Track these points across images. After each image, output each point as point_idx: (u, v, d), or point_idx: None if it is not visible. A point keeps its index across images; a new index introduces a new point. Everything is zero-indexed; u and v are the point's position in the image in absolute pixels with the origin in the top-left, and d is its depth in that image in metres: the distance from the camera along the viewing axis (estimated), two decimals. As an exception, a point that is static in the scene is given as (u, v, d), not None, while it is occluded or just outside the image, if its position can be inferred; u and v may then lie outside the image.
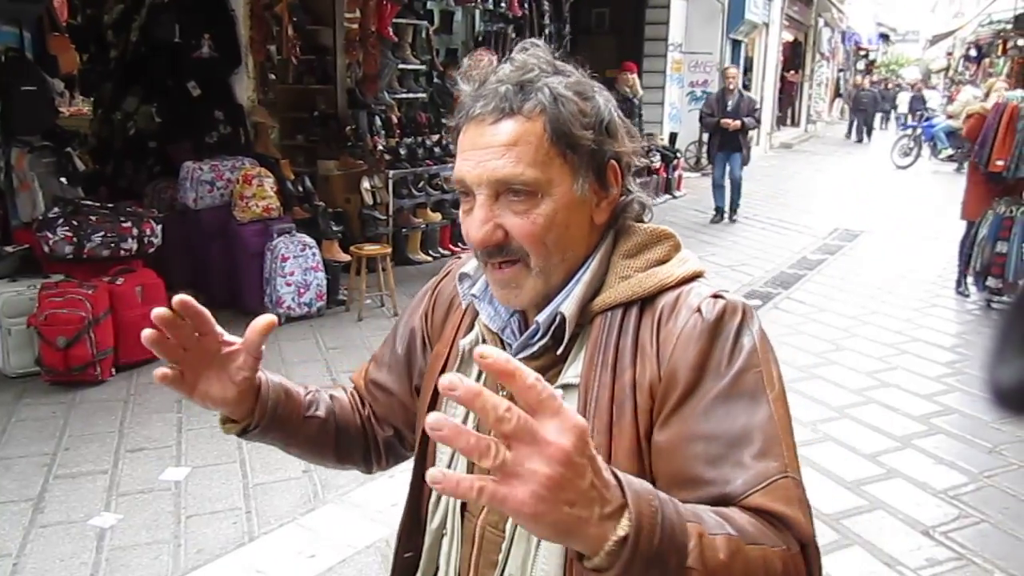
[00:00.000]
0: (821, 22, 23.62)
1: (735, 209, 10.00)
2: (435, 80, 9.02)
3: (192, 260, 5.94)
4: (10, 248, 4.94)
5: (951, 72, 29.02)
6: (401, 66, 8.38)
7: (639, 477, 0.86)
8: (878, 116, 24.77)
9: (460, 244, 7.57)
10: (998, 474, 3.76)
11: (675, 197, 11.52)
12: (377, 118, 7.89)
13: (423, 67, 8.88)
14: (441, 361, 1.10)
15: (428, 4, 9.25)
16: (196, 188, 5.77)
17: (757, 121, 10.03)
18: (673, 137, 12.74)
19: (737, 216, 9.99)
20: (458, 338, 1.08)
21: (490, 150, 0.91)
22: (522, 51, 0.96)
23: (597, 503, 0.66)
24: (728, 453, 0.85)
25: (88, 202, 5.08)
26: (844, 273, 7.64)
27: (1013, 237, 6.08)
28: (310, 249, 5.73)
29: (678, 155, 12.16)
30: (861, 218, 10.29)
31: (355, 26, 7.62)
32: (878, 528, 3.30)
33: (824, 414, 4.41)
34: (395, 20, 7.99)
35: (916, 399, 4.64)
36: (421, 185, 7.66)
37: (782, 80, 20.47)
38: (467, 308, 1.08)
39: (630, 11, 13.00)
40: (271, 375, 1.10)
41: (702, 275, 0.98)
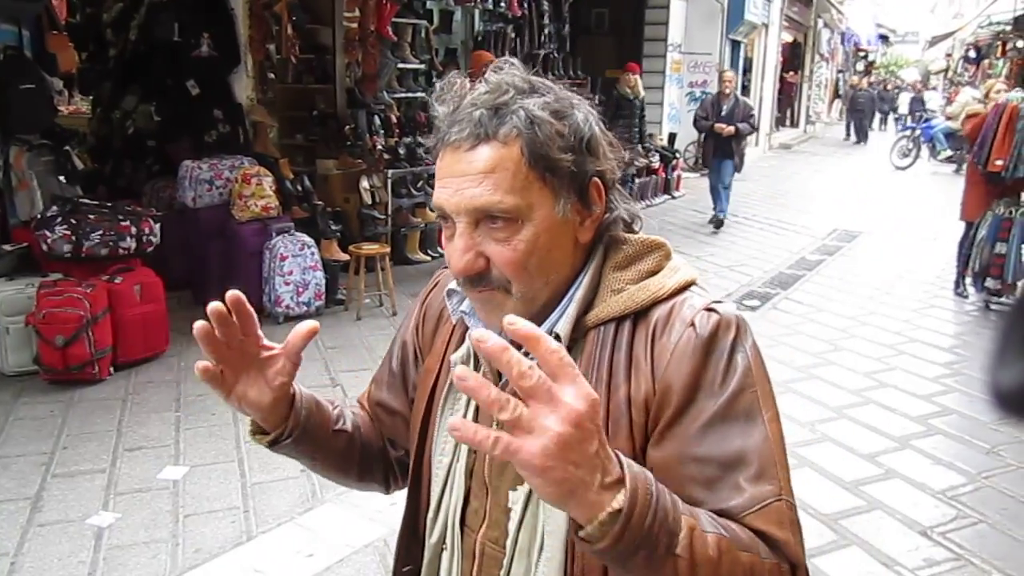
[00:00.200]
0: (820, 23, 23.65)
1: (723, 213, 9.47)
2: (434, 80, 8.98)
3: (191, 259, 5.94)
4: (8, 247, 4.94)
5: (950, 73, 29.05)
6: (400, 65, 8.38)
7: None
8: (877, 117, 24.79)
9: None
10: (996, 475, 3.77)
11: (674, 197, 11.52)
12: (376, 117, 7.88)
13: (422, 67, 8.88)
14: (432, 376, 1.08)
15: (427, 4, 9.26)
16: (195, 187, 5.76)
17: (752, 128, 9.51)
18: (672, 137, 12.75)
19: (724, 224, 9.47)
20: (448, 352, 1.07)
21: (467, 178, 0.89)
22: (496, 71, 0.94)
23: (599, 470, 0.70)
24: (724, 476, 0.85)
25: (87, 201, 5.07)
26: (843, 274, 7.65)
27: (1012, 238, 6.09)
28: (309, 248, 5.72)
29: (677, 155, 12.17)
30: (860, 219, 10.29)
31: (354, 25, 7.62)
32: (876, 528, 3.31)
33: (822, 414, 4.41)
34: (394, 19, 7.99)
35: (914, 400, 4.65)
36: (420, 185, 7.65)
37: (781, 81, 20.48)
38: (457, 322, 1.07)
39: (630, 11, 13.01)
40: (303, 388, 1.10)
41: (695, 283, 0.97)
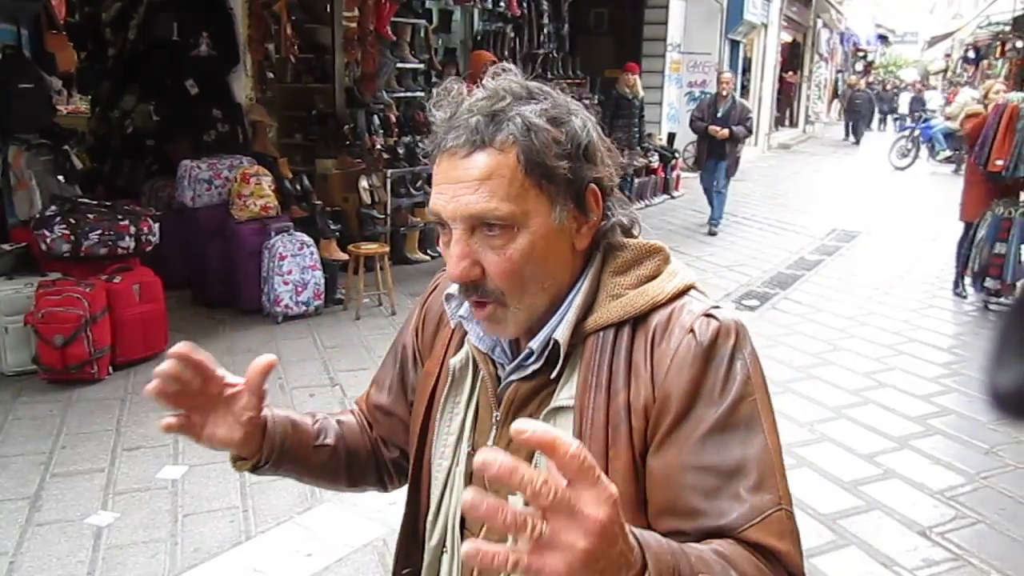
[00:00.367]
0: (820, 23, 23.65)
1: (715, 222, 9.30)
2: (433, 79, 9.01)
3: (190, 259, 5.94)
4: (7, 246, 4.93)
5: (949, 74, 29.08)
6: (399, 65, 8.38)
7: (635, 498, 0.90)
8: (876, 117, 24.78)
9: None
10: (995, 475, 3.77)
11: (673, 197, 11.52)
12: (375, 117, 7.88)
13: (422, 66, 8.87)
14: (431, 380, 1.09)
15: (427, 3, 9.26)
16: (194, 186, 5.76)
17: (749, 131, 9.23)
18: (671, 137, 12.75)
19: (718, 229, 9.26)
20: (448, 357, 1.08)
21: (463, 184, 0.89)
22: (493, 77, 0.94)
23: (624, 568, 0.68)
24: (724, 485, 0.85)
25: (85, 200, 5.08)
26: (842, 274, 7.65)
27: (1011, 238, 6.09)
28: (308, 248, 5.72)
29: (676, 155, 12.16)
30: (859, 219, 10.29)
31: (353, 25, 7.62)
32: (875, 528, 3.31)
33: (821, 414, 4.41)
34: (393, 19, 7.98)
35: (913, 400, 4.65)
36: (419, 184, 7.64)
37: (780, 81, 20.48)
38: (456, 326, 1.07)
39: (629, 11, 13.01)
40: (278, 410, 1.12)
41: (694, 287, 0.97)
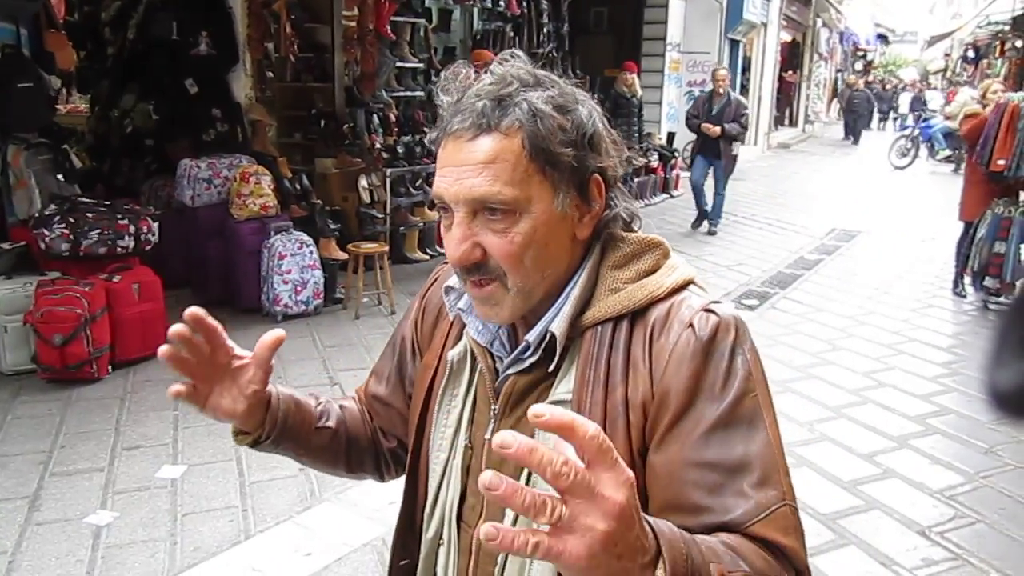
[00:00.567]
0: (819, 22, 23.64)
1: (715, 222, 9.26)
2: (433, 78, 9.01)
3: (189, 258, 5.94)
4: (6, 245, 4.93)
5: (949, 73, 29.08)
6: (399, 64, 8.38)
7: None
8: (876, 117, 24.77)
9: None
10: (994, 475, 3.77)
11: (672, 196, 11.52)
12: (375, 116, 7.88)
13: (421, 65, 8.87)
14: (430, 372, 1.09)
15: (426, 2, 9.25)
16: (193, 186, 5.76)
17: (743, 127, 9.03)
18: (671, 137, 12.74)
19: (716, 229, 9.20)
20: (446, 349, 1.08)
21: (467, 167, 0.89)
22: (502, 63, 0.94)
23: (639, 552, 0.68)
24: (727, 482, 0.85)
25: (85, 199, 5.08)
26: (841, 273, 7.65)
27: (1011, 237, 6.09)
28: (307, 247, 5.72)
29: (676, 155, 12.16)
30: (858, 218, 10.29)
31: (353, 24, 7.61)
32: (874, 528, 3.31)
33: (821, 414, 4.41)
34: (393, 18, 7.98)
35: (913, 399, 4.65)
36: (419, 183, 7.64)
37: (780, 80, 20.48)
38: (455, 319, 1.07)
39: (628, 10, 13.01)
40: (282, 388, 1.12)
41: (693, 281, 0.97)
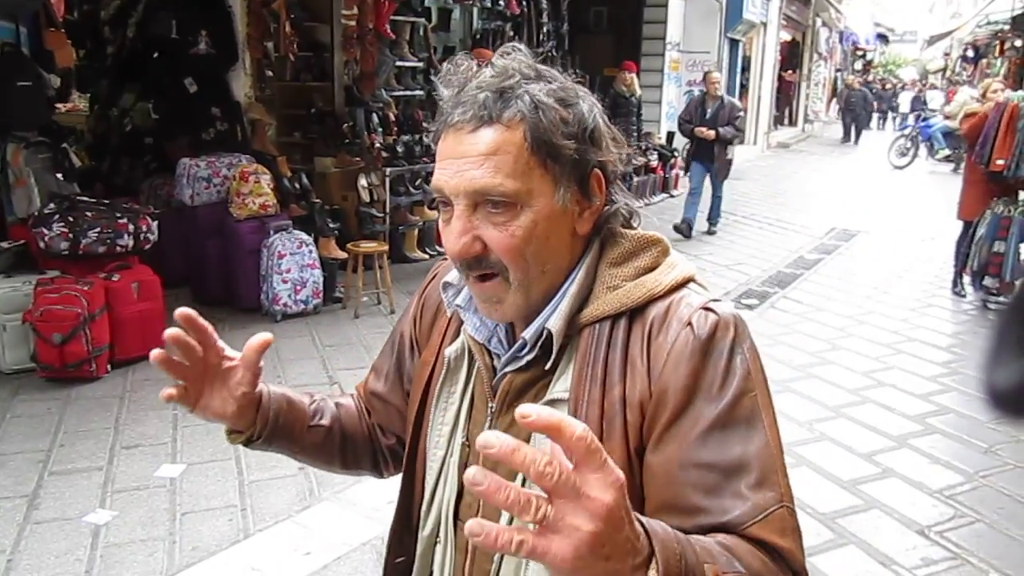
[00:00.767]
0: (819, 22, 23.64)
1: (714, 222, 9.24)
2: (433, 78, 8.96)
3: (188, 257, 5.94)
4: (6, 244, 4.93)
5: (948, 73, 29.07)
6: (399, 63, 8.36)
7: (630, 493, 0.88)
8: (875, 116, 24.75)
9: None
10: (993, 474, 3.77)
11: (672, 196, 11.51)
12: (374, 115, 7.87)
13: (421, 64, 8.86)
14: (427, 369, 1.09)
15: (426, 1, 9.24)
16: (192, 185, 5.76)
17: (737, 130, 8.97)
18: (671, 136, 12.72)
19: (716, 229, 9.22)
20: (444, 346, 1.07)
21: (468, 159, 0.88)
22: (503, 56, 0.93)
23: (630, 554, 0.67)
24: (725, 483, 0.84)
25: (84, 198, 5.08)
26: (841, 273, 7.65)
27: (1010, 237, 6.09)
28: (307, 246, 5.71)
29: (675, 154, 12.16)
30: (858, 218, 10.30)
31: (353, 23, 7.60)
32: (874, 527, 3.31)
33: (820, 413, 4.41)
34: (393, 17, 7.96)
35: (912, 399, 4.65)
36: (418, 183, 7.63)
37: (780, 80, 20.48)
38: (452, 315, 1.07)
39: (628, 9, 12.99)
40: (275, 387, 1.13)
41: (692, 279, 0.96)
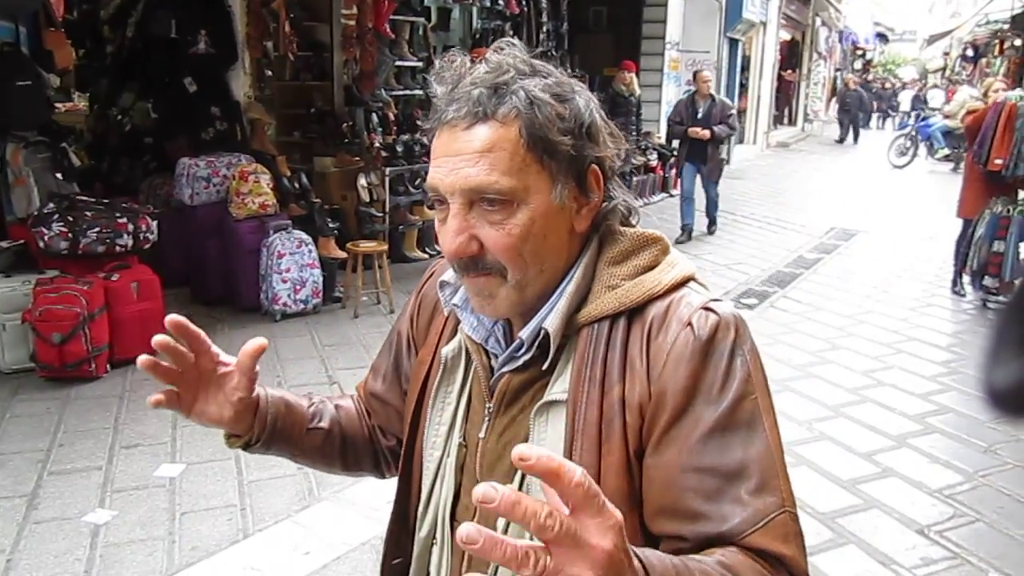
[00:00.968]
0: (819, 21, 23.63)
1: (713, 222, 9.23)
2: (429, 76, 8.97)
3: (188, 257, 5.94)
4: (5, 244, 4.93)
5: (948, 72, 29.07)
6: (398, 63, 8.35)
7: (628, 496, 0.87)
8: (875, 116, 24.73)
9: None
10: (993, 473, 3.77)
11: (671, 195, 11.49)
12: (374, 115, 7.87)
13: (420, 64, 8.84)
14: (424, 368, 1.08)
15: (425, 1, 9.23)
16: (192, 184, 5.76)
17: (731, 129, 8.82)
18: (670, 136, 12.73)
19: (715, 228, 9.23)
20: (441, 345, 1.06)
21: (463, 157, 0.86)
22: (497, 51, 0.92)
23: None
24: (725, 488, 0.83)
25: (84, 198, 5.08)
26: (840, 272, 7.65)
27: (1010, 236, 6.09)
28: (306, 246, 5.71)
29: (675, 153, 12.14)
30: (857, 217, 10.29)
31: (352, 22, 7.60)
32: (873, 527, 3.31)
33: (820, 413, 4.41)
34: (392, 17, 7.96)
35: (912, 398, 4.65)
36: (418, 182, 7.62)
37: (779, 79, 20.47)
38: (450, 314, 1.06)
39: (628, 9, 12.98)
40: (272, 390, 1.12)
41: (693, 278, 0.94)
